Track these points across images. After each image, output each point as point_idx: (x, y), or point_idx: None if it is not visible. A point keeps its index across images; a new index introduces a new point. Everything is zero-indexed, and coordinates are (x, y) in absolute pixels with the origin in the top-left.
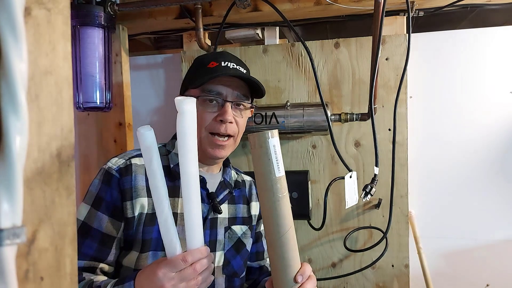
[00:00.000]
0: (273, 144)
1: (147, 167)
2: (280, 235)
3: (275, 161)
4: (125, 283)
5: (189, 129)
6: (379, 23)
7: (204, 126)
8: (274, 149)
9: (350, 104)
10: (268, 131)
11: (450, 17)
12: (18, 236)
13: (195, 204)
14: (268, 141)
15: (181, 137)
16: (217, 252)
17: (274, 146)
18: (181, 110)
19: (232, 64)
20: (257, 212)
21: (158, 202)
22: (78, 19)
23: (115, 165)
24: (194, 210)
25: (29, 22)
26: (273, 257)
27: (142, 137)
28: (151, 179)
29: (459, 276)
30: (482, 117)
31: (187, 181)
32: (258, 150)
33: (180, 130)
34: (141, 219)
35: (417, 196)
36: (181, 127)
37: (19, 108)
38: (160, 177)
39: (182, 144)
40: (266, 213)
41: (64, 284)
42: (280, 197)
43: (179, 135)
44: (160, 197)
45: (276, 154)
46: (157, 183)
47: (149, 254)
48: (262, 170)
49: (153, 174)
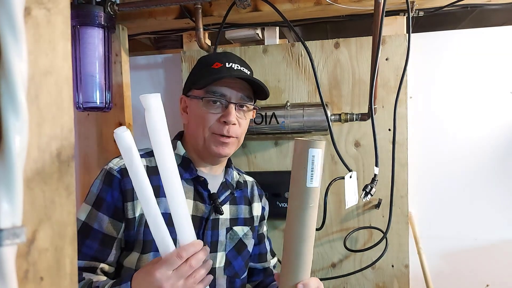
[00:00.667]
0: (312, 154)
1: (129, 168)
2: (296, 242)
3: (310, 171)
4: (122, 284)
5: (159, 124)
6: (379, 23)
7: (208, 126)
8: (313, 159)
9: (350, 104)
10: (314, 141)
11: (450, 17)
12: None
13: (179, 199)
14: (308, 151)
15: (153, 133)
16: (219, 253)
17: (313, 156)
18: (147, 106)
19: (236, 65)
20: (259, 213)
21: (144, 202)
22: (78, 19)
23: (116, 165)
24: (180, 204)
25: (29, 22)
26: (284, 260)
27: (119, 139)
28: (134, 180)
29: (459, 276)
30: (482, 117)
31: (167, 177)
32: (298, 156)
33: (150, 126)
34: (142, 220)
35: (417, 196)
36: (151, 122)
37: (19, 108)
38: (143, 177)
39: (155, 140)
40: (289, 217)
41: (64, 284)
42: (305, 207)
43: (151, 131)
44: (146, 196)
45: (313, 165)
46: (140, 183)
47: (150, 255)
48: (295, 175)
49: (135, 175)
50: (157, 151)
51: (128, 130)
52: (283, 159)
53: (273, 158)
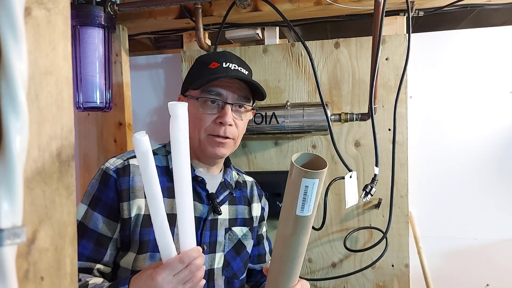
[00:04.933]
0: (305, 184)
1: (143, 173)
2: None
3: (301, 200)
4: (119, 287)
5: (182, 133)
6: (379, 23)
7: (204, 128)
8: (305, 190)
9: (350, 104)
10: (309, 171)
11: (450, 17)
12: (18, 236)
13: (187, 206)
14: (301, 180)
15: (175, 141)
16: (217, 254)
17: (307, 187)
18: (174, 114)
19: (234, 65)
20: (258, 214)
21: (154, 208)
22: (78, 19)
23: (112, 165)
24: (187, 211)
25: (29, 22)
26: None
27: (137, 143)
28: (146, 185)
29: (459, 276)
30: (482, 117)
31: (180, 184)
32: (291, 181)
33: (173, 135)
34: (138, 220)
35: (417, 196)
36: (175, 131)
37: (19, 108)
38: (155, 183)
39: (176, 148)
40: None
41: (64, 284)
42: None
43: (173, 139)
44: (156, 202)
45: (305, 195)
46: (152, 189)
47: (146, 255)
48: (286, 200)
49: (149, 180)
50: (176, 158)
51: (147, 136)
52: (283, 159)
53: (273, 158)
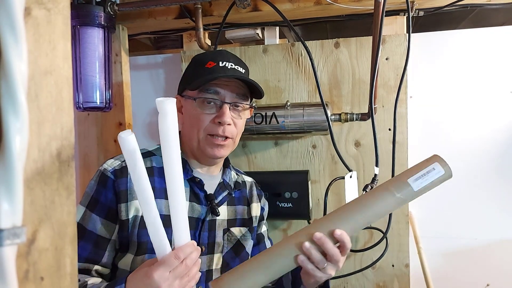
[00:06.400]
0: (433, 167)
1: (132, 171)
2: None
3: (421, 174)
4: (116, 287)
5: (171, 129)
6: (379, 23)
7: (203, 128)
8: (431, 170)
9: (350, 104)
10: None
11: (450, 17)
12: (18, 236)
13: (181, 202)
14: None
15: (164, 138)
16: (216, 255)
17: (434, 169)
18: (163, 111)
19: (231, 64)
20: (258, 214)
21: (145, 205)
22: (78, 19)
23: (110, 166)
24: (179, 207)
25: (29, 22)
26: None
27: (124, 142)
28: (136, 183)
29: (459, 276)
30: (482, 117)
31: (172, 180)
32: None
33: (163, 131)
34: (136, 221)
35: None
36: (164, 127)
37: (19, 108)
38: (146, 181)
39: (166, 145)
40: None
41: (64, 284)
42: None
43: (162, 136)
44: (146, 200)
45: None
46: (143, 187)
47: (145, 257)
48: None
49: (138, 179)
50: (166, 155)
51: (133, 134)
52: (283, 159)
53: (273, 158)
